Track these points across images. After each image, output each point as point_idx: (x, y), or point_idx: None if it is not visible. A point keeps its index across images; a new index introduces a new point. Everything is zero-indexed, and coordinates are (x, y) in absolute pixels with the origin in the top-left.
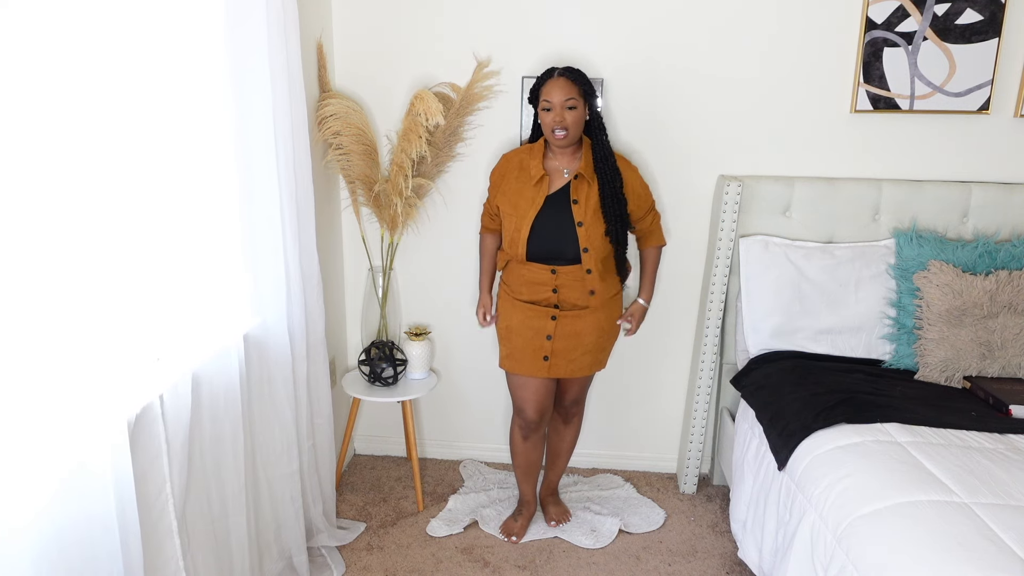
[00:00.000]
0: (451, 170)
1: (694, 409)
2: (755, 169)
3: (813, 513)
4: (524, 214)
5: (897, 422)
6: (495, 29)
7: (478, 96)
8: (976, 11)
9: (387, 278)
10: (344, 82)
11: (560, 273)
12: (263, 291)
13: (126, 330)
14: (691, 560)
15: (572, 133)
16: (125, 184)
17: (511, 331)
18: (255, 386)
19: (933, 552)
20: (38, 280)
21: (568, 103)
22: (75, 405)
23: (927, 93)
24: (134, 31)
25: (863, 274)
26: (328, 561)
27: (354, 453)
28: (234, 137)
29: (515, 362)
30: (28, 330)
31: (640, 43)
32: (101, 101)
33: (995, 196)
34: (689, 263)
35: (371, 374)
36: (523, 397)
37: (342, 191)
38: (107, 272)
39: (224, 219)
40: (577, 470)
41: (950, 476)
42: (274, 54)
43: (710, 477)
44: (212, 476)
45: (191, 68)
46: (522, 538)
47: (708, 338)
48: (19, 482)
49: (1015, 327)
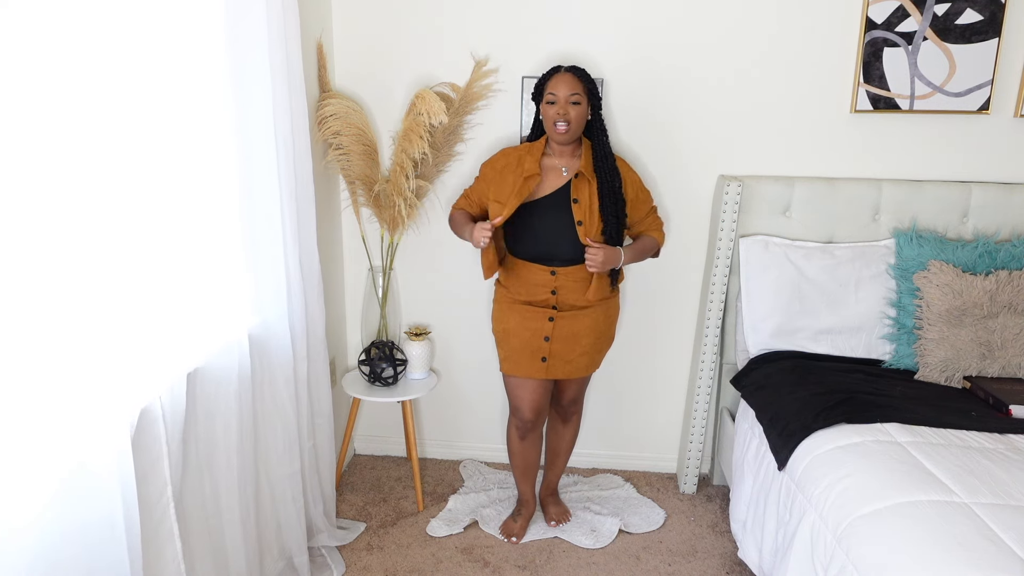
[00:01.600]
0: (451, 170)
1: (694, 409)
2: (755, 169)
3: (813, 513)
4: (506, 201)
5: (897, 422)
6: (495, 29)
7: (477, 95)
8: (976, 11)
9: (387, 278)
10: (344, 82)
11: (560, 274)
12: (264, 291)
13: (128, 330)
14: (691, 560)
15: (574, 128)
16: (126, 185)
17: (508, 333)
18: (257, 386)
19: (933, 552)
20: (40, 281)
21: (572, 98)
22: (77, 406)
23: (927, 93)
24: (133, 31)
25: (863, 274)
26: (328, 561)
27: (354, 453)
28: (234, 137)
29: (513, 364)
30: (30, 331)
31: (640, 43)
32: (102, 102)
33: (995, 196)
34: (689, 263)
35: (371, 374)
36: (520, 397)
37: (342, 191)
38: (108, 272)
39: (225, 219)
40: (577, 470)
41: (950, 476)
42: (274, 54)
43: (710, 477)
44: (213, 476)
45: (191, 68)
46: (522, 538)
47: (708, 338)
48: (21, 482)
49: (1015, 327)
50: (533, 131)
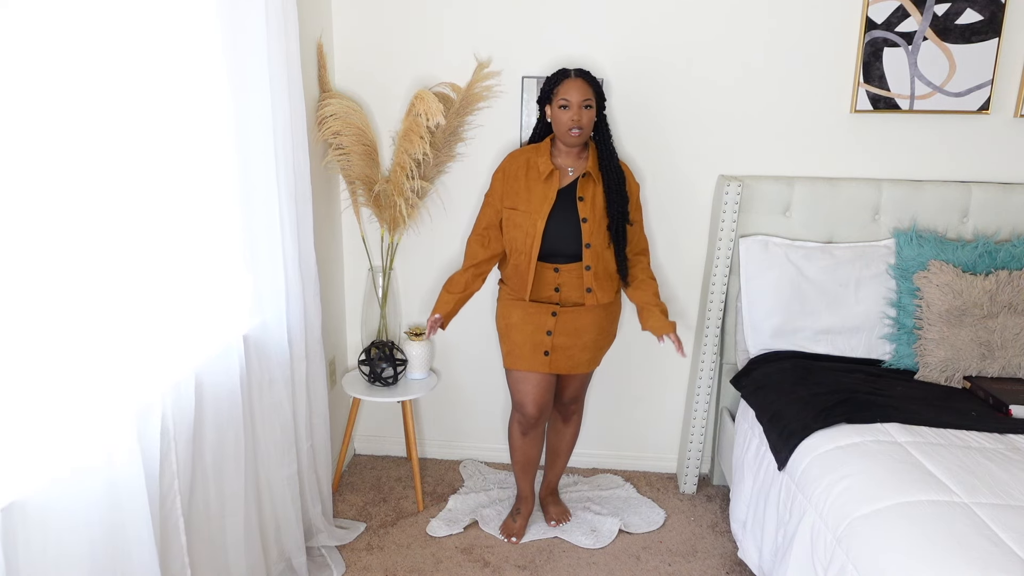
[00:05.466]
0: (451, 170)
1: (694, 409)
2: (755, 169)
3: (813, 513)
4: (538, 209)
5: (897, 422)
6: (495, 29)
7: (478, 96)
8: (976, 11)
9: (387, 278)
10: (344, 82)
11: (563, 271)
12: (262, 291)
13: (129, 331)
14: (691, 560)
15: (586, 132)
16: (124, 186)
17: (511, 327)
18: (256, 386)
19: (933, 552)
20: (41, 282)
21: (585, 103)
22: (78, 405)
23: (927, 93)
24: (130, 28)
25: (863, 274)
26: (328, 561)
27: (354, 453)
28: (233, 137)
29: (516, 358)
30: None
31: (640, 43)
32: (101, 103)
33: (995, 196)
34: (689, 263)
35: (371, 374)
36: (523, 391)
37: (342, 191)
38: (109, 273)
39: (224, 220)
40: (577, 470)
41: (950, 476)
42: (273, 54)
43: (710, 477)
44: (213, 476)
45: (189, 68)
46: (522, 538)
47: (708, 338)
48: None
49: (1015, 327)
50: (539, 133)
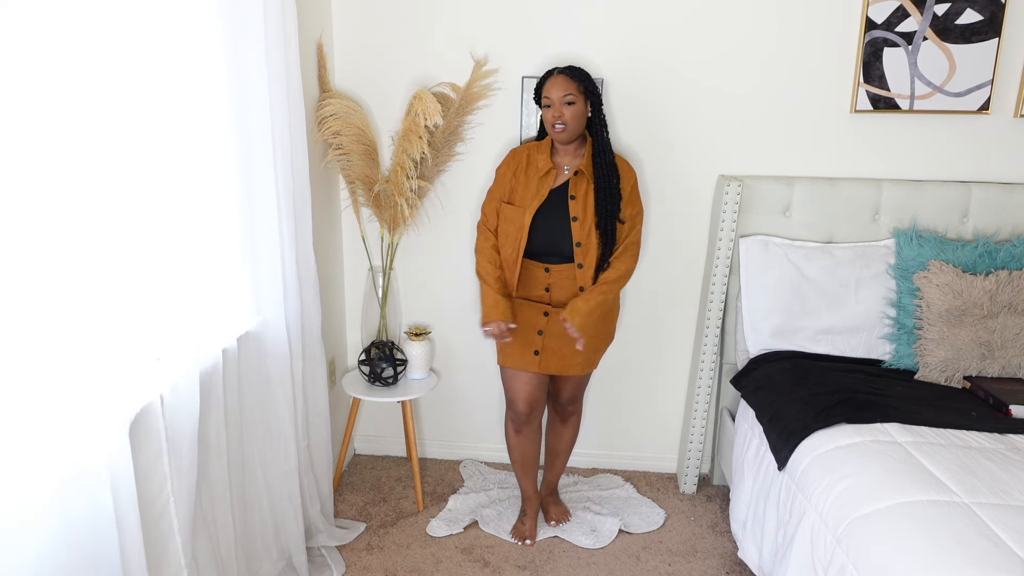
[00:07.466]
0: (451, 170)
1: (694, 409)
2: (755, 169)
3: (813, 513)
4: (529, 204)
5: (897, 422)
6: (495, 29)
7: (477, 96)
8: (976, 11)
9: (387, 278)
10: (344, 82)
11: (553, 271)
12: (261, 291)
13: (126, 330)
14: (691, 560)
15: (571, 127)
16: (123, 185)
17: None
18: (254, 385)
19: (933, 552)
20: (39, 281)
21: (566, 99)
22: (75, 405)
23: (927, 93)
24: (129, 28)
25: (863, 274)
26: (328, 561)
27: (354, 453)
28: (233, 137)
29: (506, 355)
30: (28, 330)
31: (640, 43)
32: (100, 102)
33: (995, 196)
34: (689, 263)
35: (371, 374)
36: (513, 388)
37: (342, 191)
38: (107, 273)
39: (223, 219)
40: (577, 470)
41: (950, 476)
42: (272, 54)
43: (710, 477)
44: (209, 475)
45: (189, 68)
46: (536, 538)
47: (708, 338)
48: (21, 482)
49: (1015, 327)
50: (541, 131)
